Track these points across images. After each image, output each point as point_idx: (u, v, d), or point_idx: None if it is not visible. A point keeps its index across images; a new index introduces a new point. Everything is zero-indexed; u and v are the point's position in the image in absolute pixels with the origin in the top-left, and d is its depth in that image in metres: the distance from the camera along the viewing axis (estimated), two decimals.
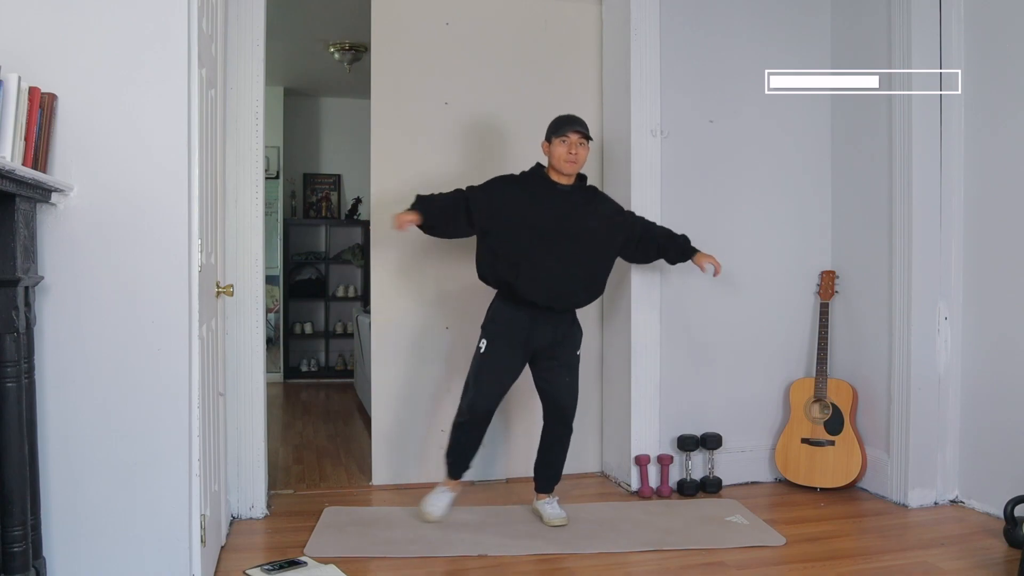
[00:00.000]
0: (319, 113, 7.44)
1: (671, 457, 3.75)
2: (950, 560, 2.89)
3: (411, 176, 3.87)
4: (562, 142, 3.11)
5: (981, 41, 3.45)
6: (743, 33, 3.91)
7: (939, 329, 3.55)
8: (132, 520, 2.28)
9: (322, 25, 5.35)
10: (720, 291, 3.87)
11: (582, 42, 4.08)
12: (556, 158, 3.13)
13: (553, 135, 3.14)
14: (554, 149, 3.13)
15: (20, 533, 2.03)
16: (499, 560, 2.92)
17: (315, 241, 7.53)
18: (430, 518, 3.25)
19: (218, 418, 2.94)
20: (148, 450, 2.29)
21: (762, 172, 3.96)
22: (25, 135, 2.03)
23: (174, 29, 2.28)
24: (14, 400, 2.02)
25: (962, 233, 3.54)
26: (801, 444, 3.77)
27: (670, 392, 3.83)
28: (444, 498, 3.30)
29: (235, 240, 3.35)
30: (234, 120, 3.32)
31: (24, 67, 2.07)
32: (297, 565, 2.80)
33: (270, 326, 6.87)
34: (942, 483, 3.56)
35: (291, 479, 3.97)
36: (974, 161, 3.49)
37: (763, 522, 3.30)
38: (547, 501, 3.35)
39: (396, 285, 3.89)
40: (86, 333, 2.25)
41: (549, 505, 3.33)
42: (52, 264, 2.22)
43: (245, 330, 3.38)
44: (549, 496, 3.36)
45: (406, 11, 3.90)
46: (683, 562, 2.90)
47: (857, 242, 3.86)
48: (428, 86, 3.90)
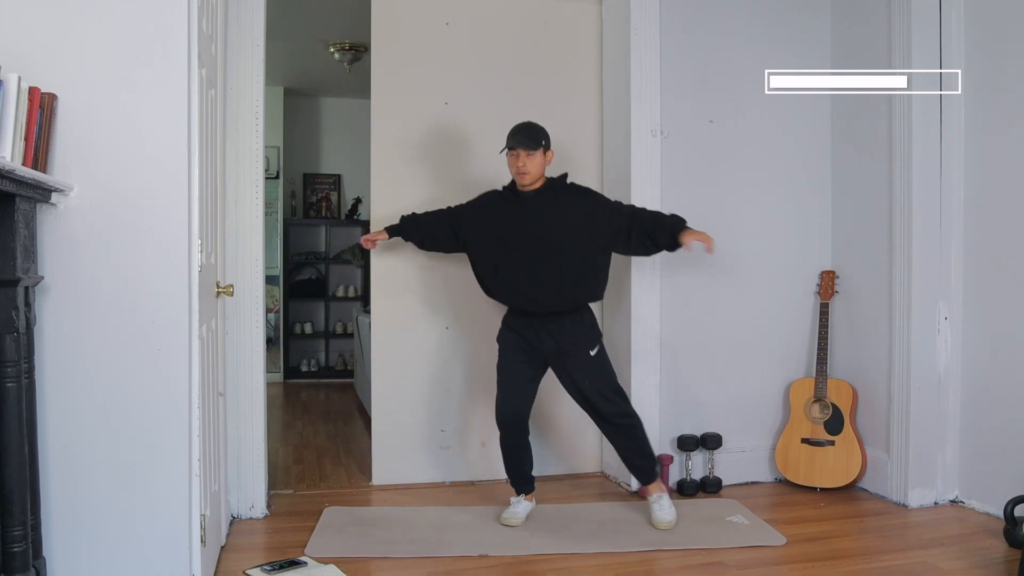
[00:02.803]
0: (319, 113, 7.44)
1: (671, 457, 3.75)
2: (950, 560, 2.89)
3: (411, 176, 3.88)
4: (509, 154, 3.18)
5: (981, 41, 3.44)
6: (743, 33, 3.91)
7: (939, 329, 3.55)
8: (132, 520, 2.28)
9: (322, 25, 5.35)
10: (720, 291, 3.88)
11: (582, 42, 4.08)
12: (510, 170, 3.21)
13: (506, 147, 3.19)
14: (508, 162, 3.20)
15: (20, 533, 2.03)
16: (499, 560, 2.92)
17: (315, 241, 7.53)
18: (511, 523, 3.26)
19: (218, 418, 2.94)
20: (148, 450, 2.29)
21: (762, 172, 3.96)
22: (25, 135, 2.03)
23: (174, 29, 2.28)
24: (14, 400, 2.02)
25: (962, 233, 3.54)
26: (801, 444, 3.77)
27: (670, 392, 3.83)
28: (520, 507, 3.32)
29: (235, 240, 3.35)
30: (234, 120, 3.32)
31: (24, 67, 2.07)
32: (297, 565, 2.80)
33: (270, 326, 6.87)
34: (942, 483, 3.56)
35: (291, 479, 3.97)
36: (974, 161, 3.49)
37: (763, 522, 3.30)
38: (653, 498, 3.31)
39: (396, 285, 3.89)
40: (86, 333, 2.25)
41: (655, 503, 3.29)
42: (52, 264, 2.22)
43: (245, 330, 3.38)
44: (653, 491, 3.31)
45: (406, 11, 3.90)
46: (683, 562, 2.90)
47: (857, 242, 3.86)
48: (428, 86, 3.90)
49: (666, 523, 3.23)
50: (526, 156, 3.14)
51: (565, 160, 3.64)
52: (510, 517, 3.28)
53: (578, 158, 3.90)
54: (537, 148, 3.14)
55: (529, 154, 3.14)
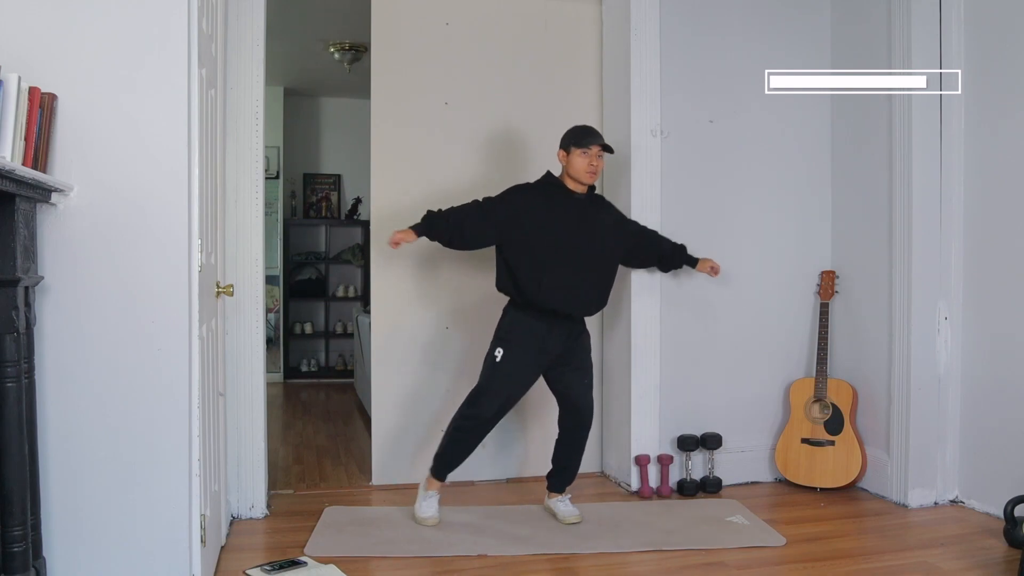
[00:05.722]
0: (319, 113, 7.44)
1: (671, 457, 3.75)
2: (950, 560, 2.89)
3: (411, 176, 3.88)
4: (583, 154, 3.15)
5: (981, 41, 3.44)
6: (743, 33, 3.91)
7: (939, 329, 3.55)
8: (132, 520, 2.28)
9: (322, 25, 5.35)
10: (720, 291, 3.87)
11: (582, 42, 4.08)
12: (576, 168, 3.16)
13: (573, 146, 3.17)
14: (574, 159, 3.16)
15: (20, 533, 2.03)
16: (499, 560, 2.92)
17: (315, 241, 7.53)
18: (431, 522, 3.24)
19: (218, 418, 2.94)
20: (148, 450, 2.29)
21: (762, 172, 3.96)
22: (25, 135, 2.02)
23: (174, 29, 2.28)
24: (14, 400, 2.02)
25: (962, 233, 3.54)
26: (801, 444, 3.77)
27: (670, 392, 3.83)
28: (434, 501, 3.29)
29: (235, 240, 3.34)
30: (234, 120, 3.32)
31: (24, 67, 2.07)
32: (297, 565, 2.80)
33: (270, 326, 6.87)
34: (942, 483, 3.56)
35: (291, 479, 3.97)
36: (974, 161, 3.49)
37: (763, 522, 3.30)
38: (560, 499, 3.36)
39: (396, 285, 3.89)
40: (86, 333, 2.25)
41: (563, 503, 3.34)
42: (52, 264, 2.22)
43: (245, 330, 3.38)
44: (561, 495, 3.37)
45: (406, 11, 3.90)
46: (683, 562, 2.90)
47: (857, 242, 3.86)
48: (428, 86, 3.90)
49: (574, 516, 3.28)
50: (599, 155, 3.17)
51: None
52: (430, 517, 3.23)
53: None
54: (610, 151, 3.22)
55: (601, 155, 3.18)
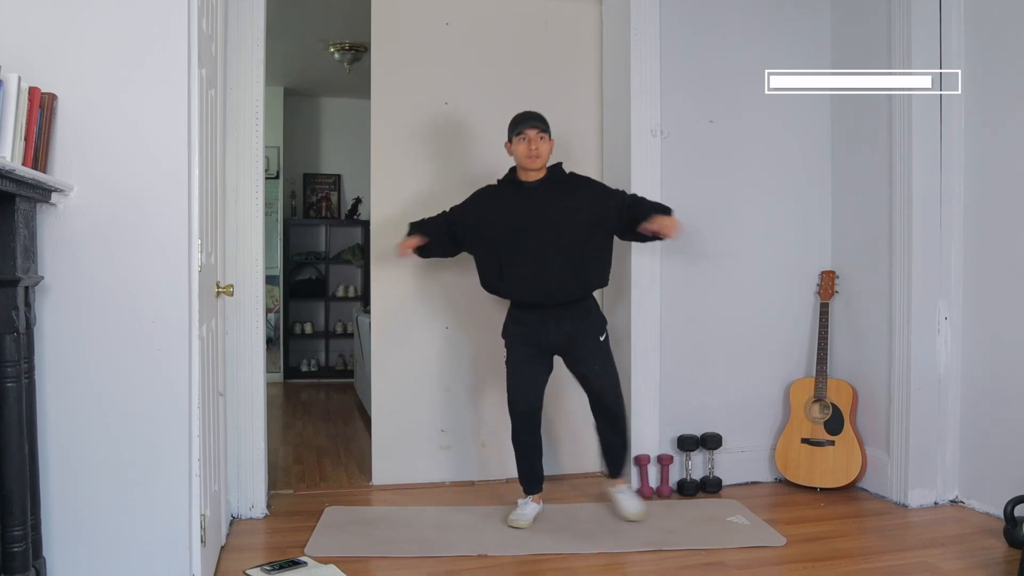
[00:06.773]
0: (319, 113, 7.44)
1: (671, 457, 3.75)
2: (950, 560, 2.89)
3: (411, 176, 3.88)
4: (521, 140, 3.15)
5: (981, 41, 3.44)
6: (743, 33, 3.91)
7: (939, 329, 3.55)
8: (132, 520, 2.28)
9: (322, 25, 5.35)
10: (720, 291, 3.88)
11: (582, 42, 4.08)
12: (519, 157, 3.18)
13: (512, 134, 3.18)
14: (515, 148, 3.18)
15: (20, 533, 2.03)
16: (499, 560, 2.92)
17: (315, 241, 7.54)
18: (519, 524, 3.23)
19: (218, 418, 2.94)
20: (148, 450, 2.29)
21: (762, 172, 3.96)
22: (25, 135, 2.03)
23: (174, 29, 2.28)
24: (14, 400, 2.02)
25: (962, 233, 3.53)
26: (801, 444, 3.77)
27: (670, 392, 3.83)
28: (527, 509, 3.29)
29: (235, 240, 3.35)
30: (234, 120, 3.32)
31: (24, 67, 2.07)
32: (297, 565, 2.80)
33: (270, 326, 6.87)
34: (942, 483, 3.56)
35: (291, 479, 3.97)
36: (974, 161, 3.49)
37: (763, 522, 3.30)
38: (620, 489, 3.34)
39: (396, 285, 3.89)
40: (86, 333, 2.25)
41: (623, 495, 3.33)
42: (52, 264, 2.22)
43: (245, 330, 3.38)
44: (622, 483, 3.36)
45: (406, 11, 3.90)
46: (683, 562, 2.90)
47: (857, 242, 3.86)
48: (428, 86, 3.90)
49: (638, 513, 3.26)
50: (538, 138, 3.14)
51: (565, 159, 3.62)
52: (518, 519, 3.25)
53: (578, 158, 3.89)
54: (547, 129, 3.17)
55: (541, 135, 3.15)
